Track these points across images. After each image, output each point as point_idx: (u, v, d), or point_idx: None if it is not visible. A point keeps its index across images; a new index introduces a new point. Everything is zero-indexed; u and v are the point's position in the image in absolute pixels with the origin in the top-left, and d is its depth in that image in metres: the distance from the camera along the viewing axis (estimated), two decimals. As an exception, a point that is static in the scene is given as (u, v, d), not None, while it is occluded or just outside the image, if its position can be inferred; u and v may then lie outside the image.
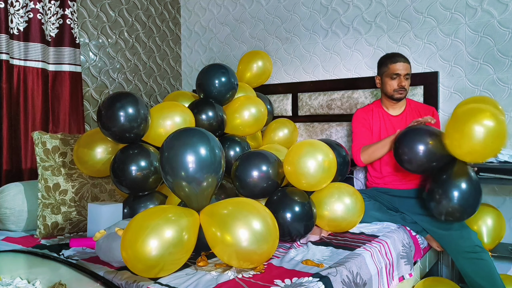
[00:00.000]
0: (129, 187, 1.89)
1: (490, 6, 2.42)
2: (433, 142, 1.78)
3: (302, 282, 1.31)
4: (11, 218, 2.00)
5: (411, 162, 1.85)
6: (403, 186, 2.25)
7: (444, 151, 1.75)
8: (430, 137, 1.80)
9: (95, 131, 2.02)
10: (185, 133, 1.46)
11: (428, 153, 1.79)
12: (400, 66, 2.17)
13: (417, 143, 1.80)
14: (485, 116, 1.60)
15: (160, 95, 3.50)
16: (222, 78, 2.28)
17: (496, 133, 1.61)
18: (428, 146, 1.79)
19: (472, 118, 1.62)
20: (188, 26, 3.66)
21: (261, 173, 1.85)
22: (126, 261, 1.30)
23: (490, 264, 1.91)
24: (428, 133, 1.82)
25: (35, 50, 2.53)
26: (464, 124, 1.62)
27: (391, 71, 2.19)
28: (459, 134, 1.64)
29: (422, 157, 1.80)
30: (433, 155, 1.79)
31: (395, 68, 2.18)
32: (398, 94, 2.21)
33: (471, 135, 1.60)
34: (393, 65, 2.19)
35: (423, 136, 1.81)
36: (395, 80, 2.19)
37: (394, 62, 2.19)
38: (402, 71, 2.17)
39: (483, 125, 1.59)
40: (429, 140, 1.79)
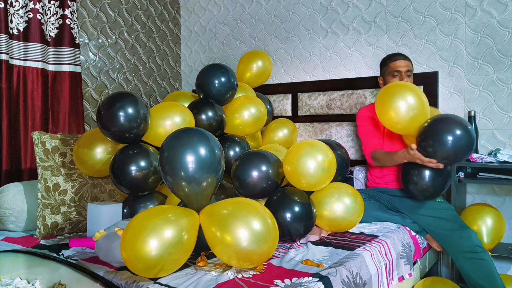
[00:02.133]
0: (129, 187, 1.89)
1: (489, 6, 2.42)
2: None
3: (302, 282, 1.31)
4: (11, 218, 2.00)
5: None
6: (402, 186, 2.24)
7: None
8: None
9: (95, 131, 2.02)
10: (185, 133, 1.46)
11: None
12: (401, 63, 2.19)
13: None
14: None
15: (160, 95, 3.50)
16: (222, 78, 2.28)
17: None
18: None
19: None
20: (187, 26, 3.66)
21: (261, 173, 1.85)
22: (126, 261, 1.30)
23: (490, 264, 1.91)
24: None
25: (35, 50, 2.53)
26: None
27: (392, 68, 2.21)
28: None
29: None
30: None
31: (395, 66, 2.20)
32: None
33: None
34: (393, 63, 2.21)
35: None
36: (396, 77, 2.20)
37: (394, 60, 2.21)
38: (403, 68, 2.18)
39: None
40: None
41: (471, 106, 2.47)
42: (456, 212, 2.13)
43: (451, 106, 2.53)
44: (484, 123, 2.43)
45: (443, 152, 1.79)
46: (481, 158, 2.15)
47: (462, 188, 2.39)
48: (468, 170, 2.28)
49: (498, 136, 2.40)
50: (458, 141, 1.76)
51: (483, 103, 2.44)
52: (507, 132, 2.38)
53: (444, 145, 1.77)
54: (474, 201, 2.47)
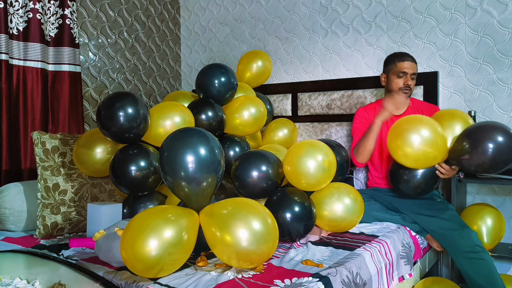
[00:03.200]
0: (129, 187, 1.89)
1: (490, 6, 2.41)
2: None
3: (302, 282, 1.30)
4: (11, 218, 2.00)
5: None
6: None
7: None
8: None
9: (95, 131, 2.02)
10: (185, 133, 1.46)
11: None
12: (408, 65, 2.19)
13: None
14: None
15: (160, 95, 3.49)
16: (222, 78, 2.28)
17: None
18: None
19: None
20: (187, 26, 3.65)
21: (260, 173, 1.85)
22: (126, 261, 1.30)
23: (490, 264, 1.91)
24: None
25: (35, 50, 2.53)
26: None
27: (398, 69, 2.20)
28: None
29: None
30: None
31: (402, 66, 2.19)
32: (402, 93, 2.21)
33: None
34: (400, 63, 2.20)
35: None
36: (401, 78, 2.20)
37: (402, 61, 2.20)
38: (409, 70, 2.18)
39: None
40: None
41: (471, 106, 2.47)
42: (456, 212, 2.13)
43: (451, 106, 2.53)
44: (484, 123, 2.43)
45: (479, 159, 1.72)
46: (481, 158, 2.15)
47: (462, 188, 2.39)
48: (468, 170, 2.28)
49: (498, 136, 2.40)
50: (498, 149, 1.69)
51: (483, 103, 2.44)
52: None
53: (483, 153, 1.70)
54: (474, 201, 2.47)
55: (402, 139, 1.81)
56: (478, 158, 1.73)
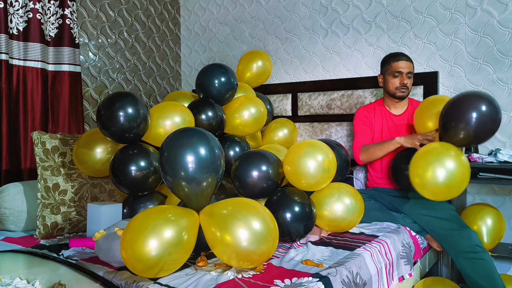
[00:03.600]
0: (129, 187, 1.89)
1: (490, 6, 2.41)
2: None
3: (302, 282, 1.30)
4: (11, 218, 2.00)
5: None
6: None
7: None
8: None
9: (95, 131, 2.02)
10: (185, 133, 1.46)
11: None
12: (403, 64, 2.19)
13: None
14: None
15: (160, 95, 3.49)
16: (222, 78, 2.28)
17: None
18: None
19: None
20: (187, 26, 3.65)
21: (261, 173, 1.84)
22: (126, 261, 1.29)
23: (491, 264, 1.91)
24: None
25: (35, 50, 2.53)
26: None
27: (393, 69, 2.20)
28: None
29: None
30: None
31: (397, 66, 2.19)
32: (400, 92, 2.21)
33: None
34: (395, 63, 2.20)
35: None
36: (397, 78, 2.20)
37: (397, 61, 2.20)
38: (405, 69, 2.18)
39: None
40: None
41: (471, 106, 2.46)
42: (456, 212, 2.13)
43: (451, 106, 2.52)
44: (484, 123, 2.43)
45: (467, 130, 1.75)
46: (481, 158, 2.15)
47: (462, 188, 2.38)
48: (468, 170, 2.28)
49: (498, 136, 2.40)
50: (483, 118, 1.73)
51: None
52: (507, 132, 2.38)
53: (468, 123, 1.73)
54: (474, 201, 2.47)
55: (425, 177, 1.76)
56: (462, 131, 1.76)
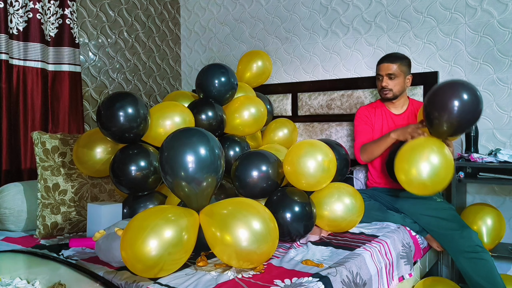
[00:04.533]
0: (129, 187, 1.89)
1: (490, 6, 2.41)
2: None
3: (302, 282, 1.30)
4: (11, 218, 2.00)
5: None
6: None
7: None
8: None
9: (95, 131, 2.02)
10: (185, 133, 1.46)
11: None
12: (382, 67, 2.23)
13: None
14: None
15: (160, 95, 3.49)
16: (222, 78, 2.28)
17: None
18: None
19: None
20: (187, 26, 3.65)
21: (261, 173, 1.84)
22: (126, 261, 1.30)
23: (491, 264, 1.91)
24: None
25: (35, 50, 2.53)
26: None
27: (376, 72, 2.27)
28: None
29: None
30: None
31: (378, 69, 2.25)
32: (383, 94, 2.26)
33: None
34: (377, 67, 2.26)
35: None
36: (380, 81, 2.26)
37: (378, 64, 2.26)
38: (383, 71, 2.22)
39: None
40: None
41: (471, 106, 2.46)
42: (456, 212, 2.13)
43: (451, 106, 2.52)
44: (484, 123, 2.43)
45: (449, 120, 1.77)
46: (481, 158, 2.15)
47: (462, 188, 2.39)
48: (468, 170, 2.28)
49: (498, 136, 2.40)
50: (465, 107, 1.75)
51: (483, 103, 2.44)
52: (507, 132, 2.38)
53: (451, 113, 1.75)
54: (474, 201, 2.47)
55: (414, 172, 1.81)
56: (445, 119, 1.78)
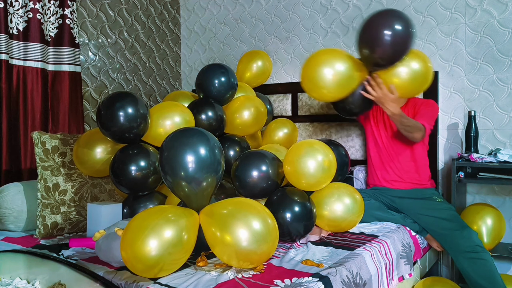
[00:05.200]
0: (129, 187, 1.89)
1: (489, 6, 2.41)
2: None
3: (302, 282, 1.30)
4: (11, 218, 2.00)
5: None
6: (402, 186, 2.25)
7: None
8: None
9: (95, 131, 2.02)
10: (185, 133, 1.46)
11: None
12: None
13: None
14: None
15: (160, 95, 3.49)
16: (222, 78, 2.28)
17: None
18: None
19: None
20: (187, 26, 3.65)
21: (261, 173, 1.85)
22: (126, 261, 1.30)
23: (491, 264, 1.91)
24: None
25: (35, 50, 2.53)
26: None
27: None
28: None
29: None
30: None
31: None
32: None
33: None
34: None
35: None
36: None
37: None
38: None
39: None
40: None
41: (471, 106, 2.47)
42: (456, 212, 2.13)
43: (451, 106, 2.53)
44: (484, 123, 2.43)
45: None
46: (481, 158, 2.15)
47: (462, 188, 2.39)
48: (468, 170, 2.28)
49: (498, 136, 2.40)
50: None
51: (483, 103, 2.44)
52: (507, 132, 2.38)
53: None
54: (474, 201, 2.47)
55: (313, 82, 1.99)
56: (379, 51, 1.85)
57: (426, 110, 2.19)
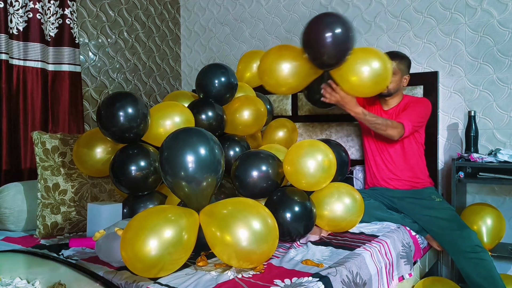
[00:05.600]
0: (129, 187, 1.89)
1: (489, 6, 2.41)
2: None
3: (302, 282, 1.30)
4: (11, 218, 2.00)
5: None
6: (399, 185, 2.25)
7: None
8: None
9: (95, 131, 2.02)
10: (185, 133, 1.46)
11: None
12: None
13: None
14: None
15: (160, 95, 3.49)
16: (222, 78, 2.27)
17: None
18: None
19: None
20: (187, 26, 3.65)
21: (261, 173, 1.84)
22: (126, 261, 1.30)
23: (491, 264, 1.91)
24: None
25: (35, 50, 2.53)
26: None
27: None
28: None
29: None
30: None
31: None
32: None
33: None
34: None
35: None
36: None
37: None
38: None
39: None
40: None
41: (471, 106, 2.47)
42: (456, 212, 2.13)
43: (451, 106, 2.53)
44: (484, 123, 2.43)
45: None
46: (481, 158, 2.15)
47: (462, 188, 2.39)
48: (468, 170, 2.28)
49: (498, 136, 2.40)
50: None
51: (483, 103, 2.44)
52: (507, 132, 2.38)
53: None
54: (474, 201, 2.47)
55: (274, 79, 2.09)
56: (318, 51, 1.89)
57: (413, 108, 2.21)
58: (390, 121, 2.11)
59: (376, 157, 2.32)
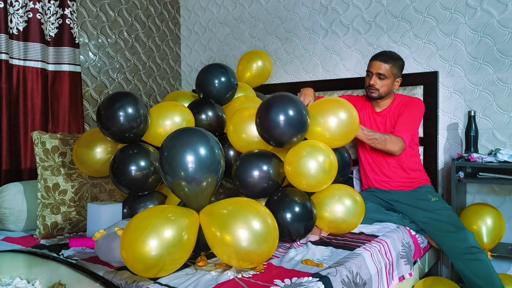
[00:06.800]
0: (129, 187, 1.89)
1: (489, 6, 2.41)
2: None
3: (302, 282, 1.30)
4: (11, 218, 2.00)
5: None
6: (393, 186, 2.24)
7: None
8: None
9: (95, 131, 2.02)
10: (185, 133, 1.46)
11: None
12: (374, 65, 2.16)
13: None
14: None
15: (160, 95, 3.49)
16: (222, 78, 2.27)
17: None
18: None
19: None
20: (187, 26, 3.65)
21: (261, 173, 1.84)
22: (126, 261, 1.30)
23: (488, 264, 1.91)
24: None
25: (35, 50, 2.53)
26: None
27: (367, 67, 2.21)
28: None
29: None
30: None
31: (369, 65, 2.20)
32: (369, 92, 2.22)
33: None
34: (370, 62, 2.20)
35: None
36: (368, 77, 2.21)
37: (372, 60, 2.20)
38: (374, 69, 2.16)
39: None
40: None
41: (471, 106, 2.47)
42: (456, 212, 2.13)
43: (451, 106, 2.53)
44: (484, 123, 2.43)
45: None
46: (481, 158, 2.15)
47: (462, 188, 2.39)
48: (468, 170, 2.28)
49: (498, 136, 2.40)
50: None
51: (483, 103, 2.44)
52: (507, 132, 2.38)
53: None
54: (474, 201, 2.47)
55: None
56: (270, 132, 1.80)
57: (408, 115, 2.17)
58: (388, 136, 2.07)
59: (369, 159, 2.31)
